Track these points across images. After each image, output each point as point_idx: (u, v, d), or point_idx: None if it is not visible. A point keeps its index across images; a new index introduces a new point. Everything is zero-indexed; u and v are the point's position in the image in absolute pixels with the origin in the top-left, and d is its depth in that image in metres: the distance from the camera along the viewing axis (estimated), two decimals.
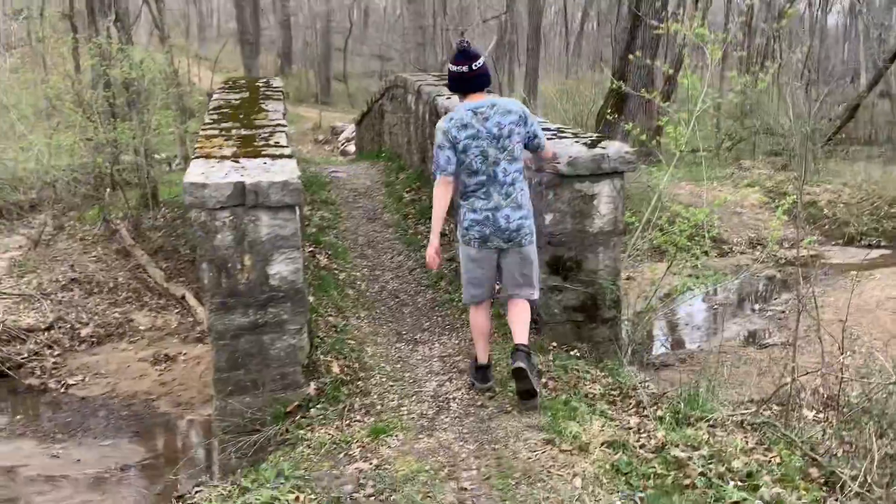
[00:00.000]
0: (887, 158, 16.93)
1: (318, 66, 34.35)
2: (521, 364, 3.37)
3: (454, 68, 3.59)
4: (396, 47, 37.17)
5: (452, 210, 3.78)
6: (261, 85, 6.86)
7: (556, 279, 4.11)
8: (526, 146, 3.64)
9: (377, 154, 10.07)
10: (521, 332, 3.58)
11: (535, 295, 3.73)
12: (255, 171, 3.70)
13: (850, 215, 12.57)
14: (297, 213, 3.68)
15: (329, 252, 5.45)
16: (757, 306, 9.57)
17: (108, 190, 10.87)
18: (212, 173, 3.64)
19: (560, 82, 21.20)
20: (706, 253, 4.95)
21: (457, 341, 4.27)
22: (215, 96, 6.22)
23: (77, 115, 9.63)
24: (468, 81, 3.58)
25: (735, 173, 15.34)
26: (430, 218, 5.79)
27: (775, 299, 9.83)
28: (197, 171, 3.67)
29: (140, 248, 10.02)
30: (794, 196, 11.80)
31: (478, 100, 3.56)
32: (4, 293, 8.94)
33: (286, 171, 3.71)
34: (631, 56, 6.97)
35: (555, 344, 4.13)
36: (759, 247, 11.77)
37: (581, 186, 4.03)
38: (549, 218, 4.05)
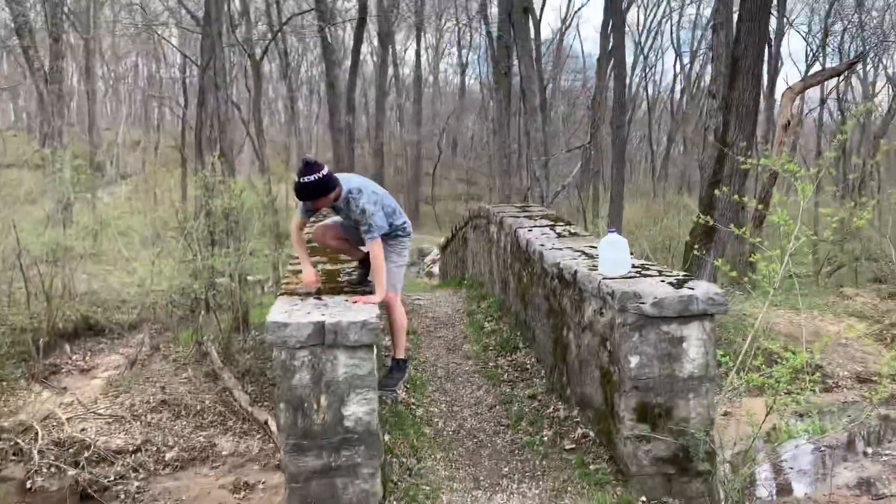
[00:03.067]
0: None
1: (407, 190, 35.77)
2: None
3: (313, 178, 4.14)
4: (483, 171, 38.35)
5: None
6: None
7: (644, 427, 3.86)
8: None
9: (460, 281, 10.13)
10: None
11: None
12: (335, 310, 3.74)
13: None
14: (375, 352, 3.66)
15: (407, 386, 5.37)
16: (869, 449, 8.73)
17: (202, 313, 11.31)
18: (294, 311, 3.69)
19: (646, 207, 21.10)
20: (810, 391, 4.58)
21: (537, 491, 4.02)
22: (305, 230, 6.45)
23: (178, 242, 10.21)
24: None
25: (836, 301, 14.56)
26: (509, 350, 5.67)
27: (890, 441, 8.96)
28: (280, 310, 3.73)
29: (228, 370, 10.23)
30: None
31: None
32: (99, 413, 9.23)
33: (366, 310, 3.72)
34: (716, 192, 6.85)
35: (644, 499, 3.81)
36: (868, 382, 10.92)
37: (668, 328, 3.85)
38: (634, 361, 3.86)
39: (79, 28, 29.57)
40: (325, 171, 4.14)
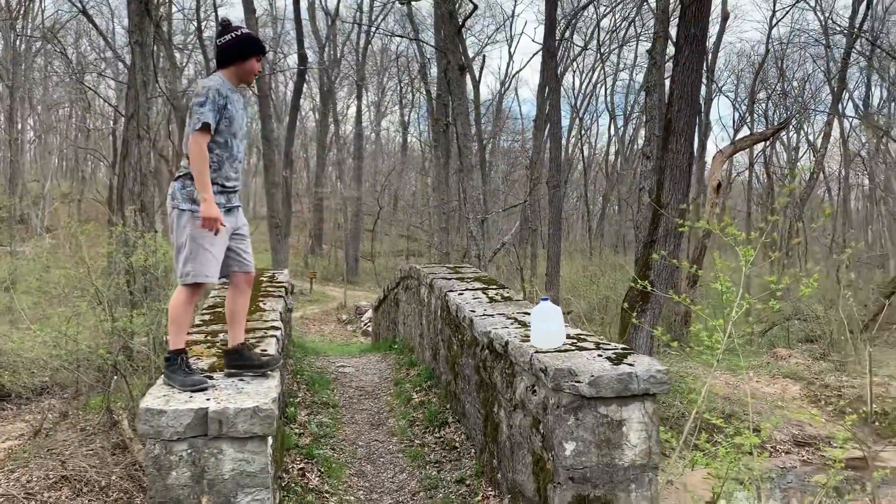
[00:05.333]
0: None
1: (346, 246, 35.19)
2: None
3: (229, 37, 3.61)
4: (424, 228, 38.16)
5: None
6: (264, 279, 6.56)
7: None
8: None
9: (391, 344, 9.60)
10: None
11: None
12: (225, 392, 3.20)
13: None
14: (269, 443, 3.12)
15: (322, 469, 4.79)
16: None
17: (114, 378, 10.47)
18: (174, 396, 3.14)
19: (582, 266, 21.09)
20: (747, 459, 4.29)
21: None
22: (212, 293, 5.90)
23: (84, 302, 9.45)
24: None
25: (770, 361, 14.60)
26: (438, 425, 5.15)
27: None
28: (158, 393, 3.18)
29: (139, 441, 9.39)
30: (855, 398, 10.97)
31: None
32: None
33: (261, 392, 3.20)
34: (655, 255, 6.65)
35: None
36: (805, 446, 10.78)
37: (607, 411, 3.44)
38: (570, 448, 3.42)
39: (3, 77, 28.53)
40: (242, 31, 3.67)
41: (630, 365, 3.54)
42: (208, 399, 3.10)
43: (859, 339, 15.05)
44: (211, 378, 3.47)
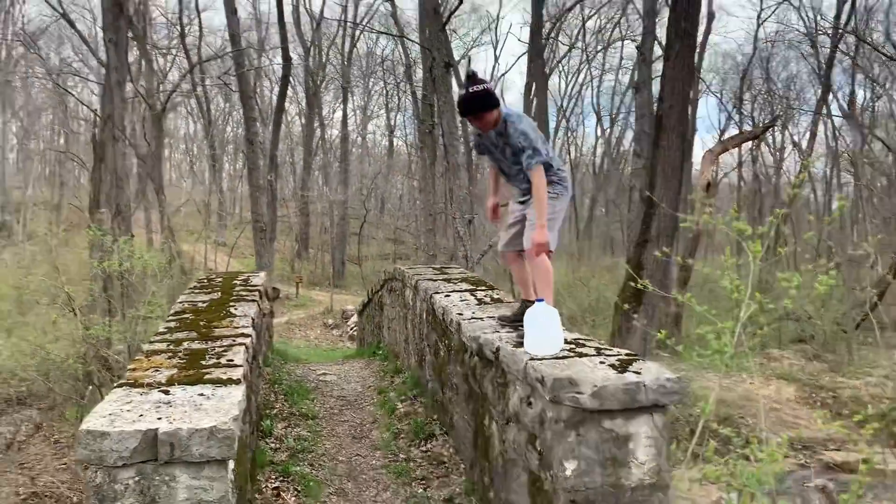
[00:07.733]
0: None
1: (333, 250, 34.71)
2: None
3: (480, 87, 4.04)
4: (411, 231, 37.76)
5: None
6: (238, 283, 6.16)
7: None
8: None
9: (375, 350, 9.21)
10: None
11: None
12: (181, 410, 2.82)
13: None
14: (230, 467, 2.74)
15: (299, 489, 4.41)
16: None
17: (89, 388, 10.04)
18: (121, 415, 2.75)
19: (572, 268, 20.80)
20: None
21: None
22: (181, 298, 5.51)
23: (55, 310, 9.02)
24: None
25: (763, 363, 14.35)
26: (424, 437, 4.80)
27: None
28: (103, 412, 2.79)
29: None
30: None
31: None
32: None
33: (221, 409, 2.82)
34: (658, 254, 6.37)
35: None
36: (803, 450, 10.50)
37: (611, 425, 3.08)
38: (570, 467, 3.07)
39: None
40: (488, 84, 4.09)
41: (636, 373, 3.19)
42: (160, 418, 2.71)
43: (853, 339, 14.82)
44: (167, 392, 3.08)
